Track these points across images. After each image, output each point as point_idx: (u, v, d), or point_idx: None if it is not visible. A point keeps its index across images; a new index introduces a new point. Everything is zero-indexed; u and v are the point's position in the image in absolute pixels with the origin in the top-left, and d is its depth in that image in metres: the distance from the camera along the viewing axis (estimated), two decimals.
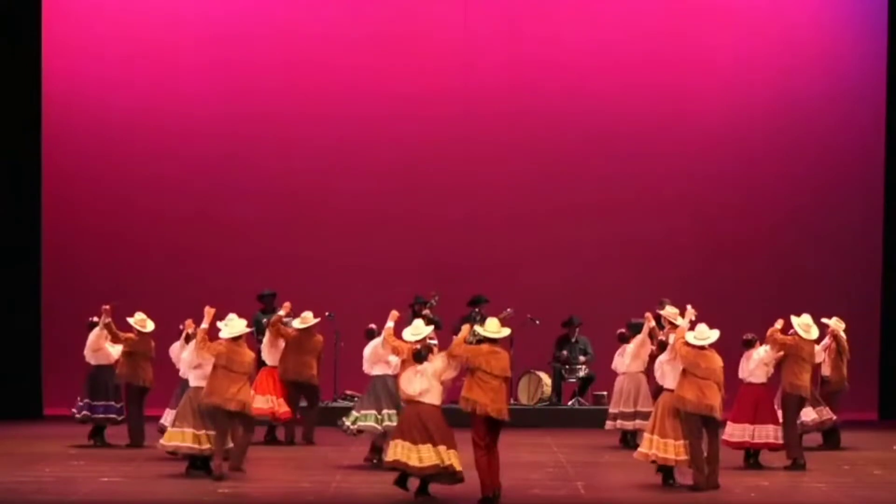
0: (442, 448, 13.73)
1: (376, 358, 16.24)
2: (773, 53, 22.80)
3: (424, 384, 13.82)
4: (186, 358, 15.58)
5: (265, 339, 18.76)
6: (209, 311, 15.38)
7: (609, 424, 18.59)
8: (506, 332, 14.05)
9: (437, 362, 13.92)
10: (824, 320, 17.78)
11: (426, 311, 19.86)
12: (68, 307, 22.10)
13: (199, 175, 22.58)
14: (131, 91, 22.49)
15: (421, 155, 22.61)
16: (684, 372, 14.66)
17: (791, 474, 15.91)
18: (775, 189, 22.84)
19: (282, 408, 18.39)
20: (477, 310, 20.39)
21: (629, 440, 18.43)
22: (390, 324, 15.49)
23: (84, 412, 17.97)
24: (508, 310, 18.58)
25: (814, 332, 16.63)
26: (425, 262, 22.28)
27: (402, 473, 13.94)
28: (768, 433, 16.39)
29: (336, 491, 14.60)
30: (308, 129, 22.64)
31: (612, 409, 18.56)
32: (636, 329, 18.89)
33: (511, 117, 22.70)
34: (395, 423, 15.33)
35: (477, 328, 14.46)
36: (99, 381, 17.99)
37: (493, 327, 14.00)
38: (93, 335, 18.04)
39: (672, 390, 14.79)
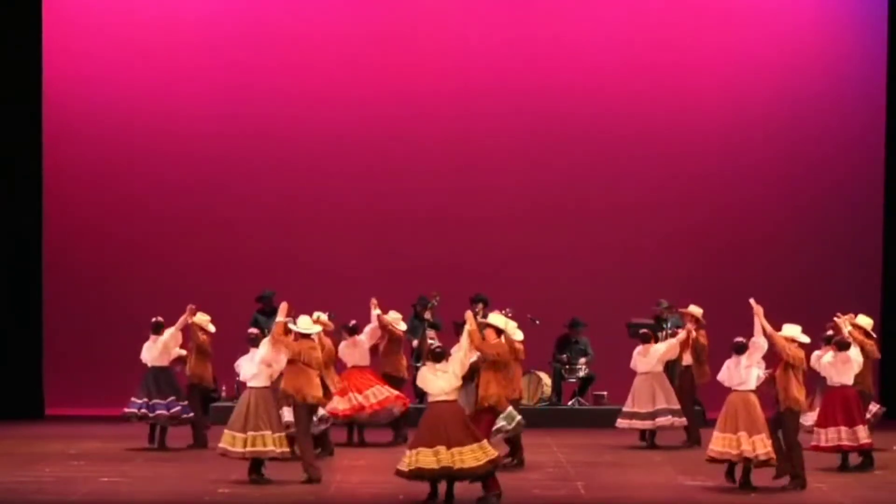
0: (455, 450, 13.51)
1: None
2: (773, 53, 22.79)
3: (444, 384, 13.58)
4: (265, 354, 14.98)
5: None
6: (284, 306, 14.96)
7: (622, 423, 18.51)
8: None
9: (455, 365, 13.69)
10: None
11: (427, 313, 19.84)
12: (68, 307, 22.14)
13: (199, 175, 22.57)
14: (131, 91, 22.48)
15: (422, 155, 22.59)
16: (793, 373, 14.52)
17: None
18: (775, 189, 22.82)
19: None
20: (478, 308, 20.36)
21: (647, 436, 18.44)
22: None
23: (158, 412, 17.53)
24: (507, 309, 18.54)
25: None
26: (425, 262, 22.26)
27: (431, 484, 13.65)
28: (860, 435, 16.14)
29: (336, 491, 14.59)
30: (308, 129, 22.63)
31: (626, 408, 18.47)
32: (635, 329, 18.90)
33: (512, 117, 22.69)
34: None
35: (491, 318, 14.80)
36: (162, 382, 17.68)
37: (501, 320, 14.36)
38: (168, 336, 17.69)
39: (740, 391, 14.51)
